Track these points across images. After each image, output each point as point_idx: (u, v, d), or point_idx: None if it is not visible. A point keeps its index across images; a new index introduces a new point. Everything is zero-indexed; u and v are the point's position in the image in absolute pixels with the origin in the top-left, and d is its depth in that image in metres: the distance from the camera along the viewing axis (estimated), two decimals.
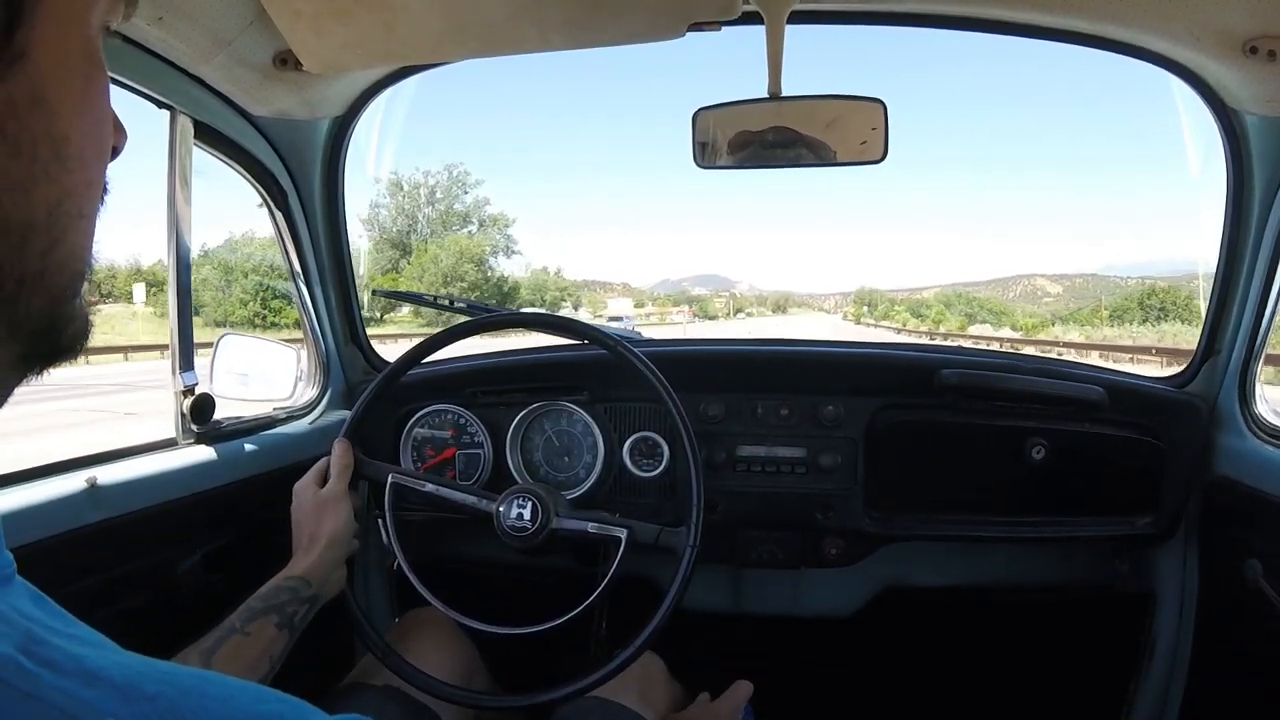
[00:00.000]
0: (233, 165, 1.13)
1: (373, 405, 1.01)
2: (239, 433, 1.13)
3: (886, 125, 1.06)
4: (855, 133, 1.09)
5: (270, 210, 1.21)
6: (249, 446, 1.12)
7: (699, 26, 0.89)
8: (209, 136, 1.05)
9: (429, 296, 1.41)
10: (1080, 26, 0.99)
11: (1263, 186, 1.07)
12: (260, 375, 1.19)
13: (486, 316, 1.13)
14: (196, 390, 1.04)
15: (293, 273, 1.27)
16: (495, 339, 1.59)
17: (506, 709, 0.92)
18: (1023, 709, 1.38)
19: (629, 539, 0.92)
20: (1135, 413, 1.19)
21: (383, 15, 0.84)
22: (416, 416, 1.27)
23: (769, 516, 1.24)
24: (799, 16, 0.96)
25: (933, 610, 1.41)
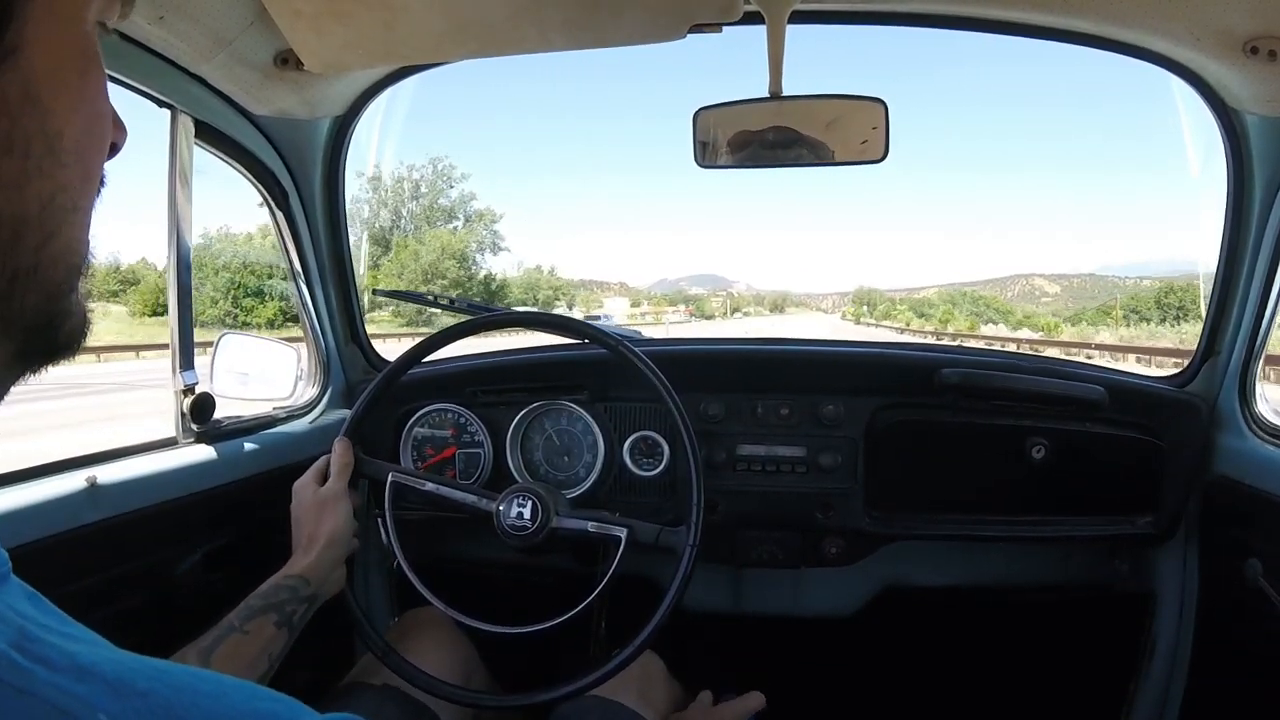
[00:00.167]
0: (233, 165, 1.13)
1: (373, 404, 1.01)
2: (239, 432, 1.13)
3: (887, 125, 1.06)
4: (856, 132, 1.09)
5: (271, 210, 1.22)
6: (249, 446, 1.12)
7: (700, 28, 0.89)
8: (210, 136, 1.05)
9: (429, 296, 1.41)
10: (1081, 26, 0.99)
11: (1263, 186, 1.07)
12: (260, 374, 1.19)
13: (487, 316, 1.13)
14: (196, 389, 1.04)
15: (293, 272, 1.27)
16: (495, 338, 1.59)
17: (506, 708, 0.92)
18: (1023, 709, 1.38)
19: (629, 538, 0.92)
20: (1135, 412, 1.19)
21: (383, 15, 0.84)
22: (417, 416, 1.27)
23: (769, 516, 1.24)
24: (800, 16, 0.96)
25: (933, 610, 1.41)
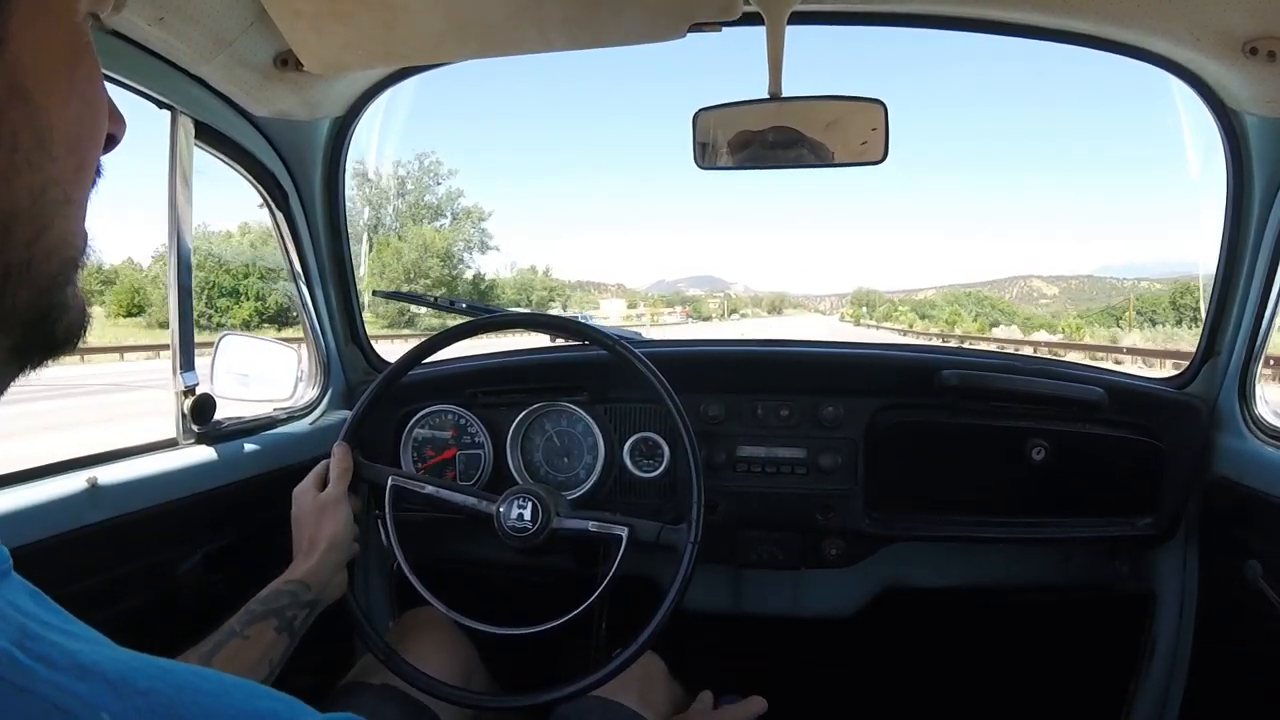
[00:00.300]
0: (233, 165, 1.13)
1: (372, 407, 1.01)
2: (239, 433, 1.12)
3: (887, 126, 1.06)
4: (855, 133, 1.09)
5: (270, 210, 1.22)
6: (249, 447, 1.12)
7: (699, 27, 0.89)
8: (210, 137, 1.05)
9: (429, 297, 1.41)
10: (1081, 27, 0.99)
11: (1263, 187, 1.07)
12: (260, 375, 1.19)
13: (487, 317, 1.13)
14: (197, 390, 1.04)
15: (293, 273, 1.27)
16: (495, 339, 1.59)
17: (506, 709, 0.92)
18: (1023, 709, 1.38)
19: (630, 537, 0.92)
20: (1135, 413, 1.19)
21: (383, 15, 0.84)
22: (417, 417, 1.27)
23: (769, 517, 1.24)
24: (799, 17, 0.96)
25: (933, 611, 1.41)
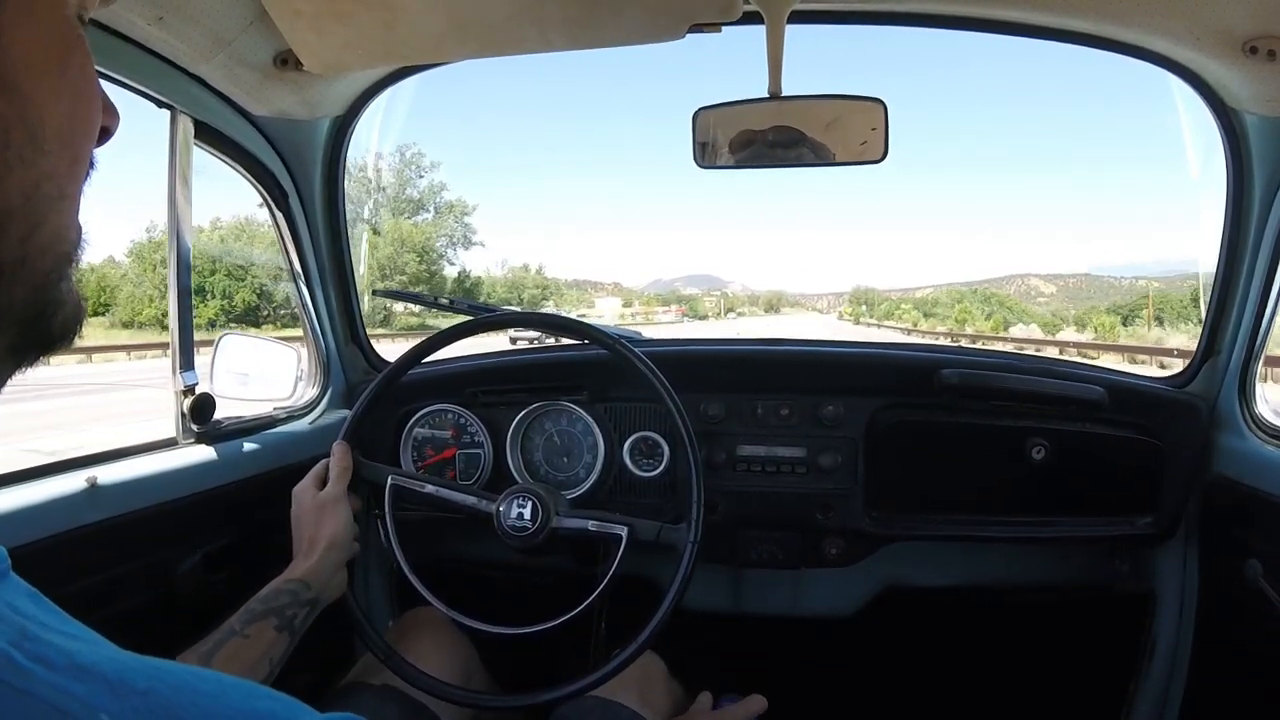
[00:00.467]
0: (233, 165, 1.13)
1: (372, 406, 1.01)
2: (239, 432, 1.12)
3: (887, 125, 1.06)
4: (855, 133, 1.09)
5: (270, 210, 1.22)
6: (249, 446, 1.12)
7: (699, 27, 0.89)
8: (209, 136, 1.05)
9: (429, 296, 1.41)
10: (1081, 26, 0.99)
11: (1263, 186, 1.07)
12: (260, 375, 1.19)
13: (487, 316, 1.13)
14: (197, 390, 1.04)
15: (293, 273, 1.27)
16: (495, 339, 1.59)
17: (506, 709, 0.92)
18: (1023, 709, 1.38)
19: (629, 536, 0.92)
20: (1135, 413, 1.19)
21: (383, 15, 0.84)
22: (417, 416, 1.27)
23: (769, 516, 1.24)
24: (799, 16, 0.96)
25: (933, 610, 1.41)
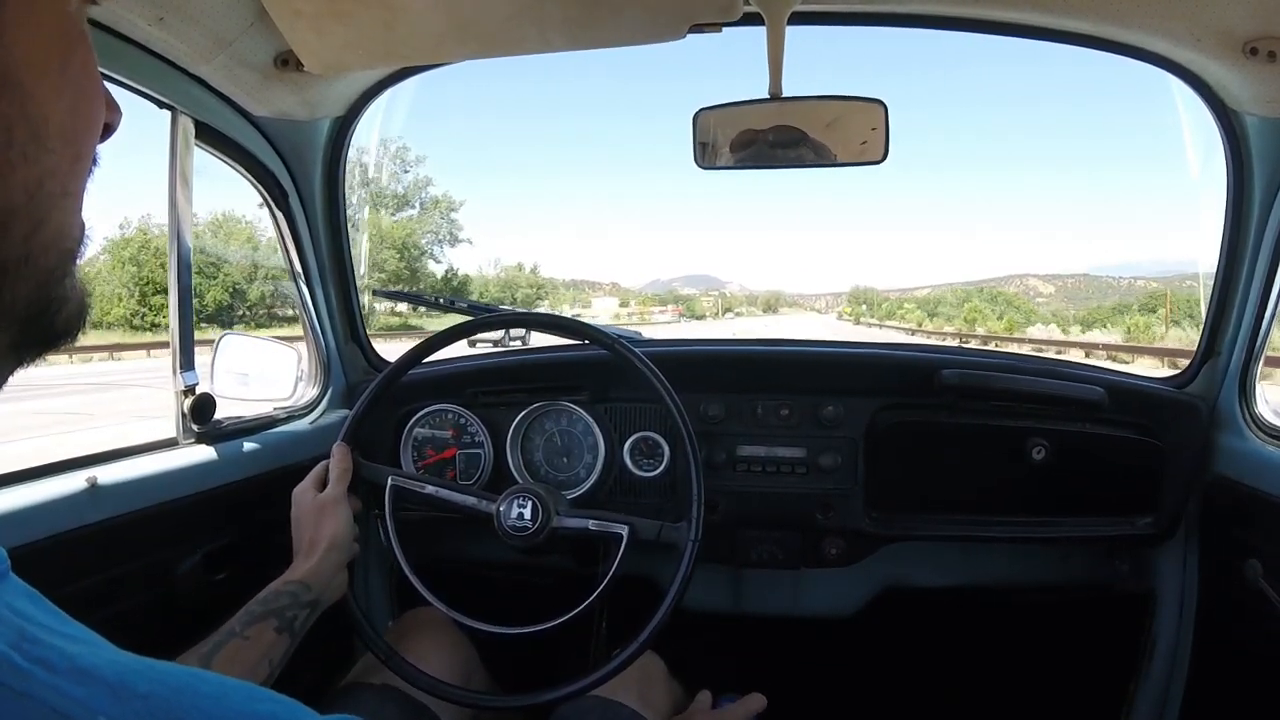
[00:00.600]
0: (233, 165, 1.13)
1: (372, 406, 1.01)
2: (239, 432, 1.13)
3: (887, 126, 1.06)
4: (856, 133, 1.09)
5: (270, 210, 1.22)
6: (250, 446, 1.12)
7: (700, 28, 0.89)
8: (210, 137, 1.05)
9: (429, 296, 1.41)
10: (1081, 27, 0.99)
11: (1263, 187, 1.07)
12: (261, 375, 1.19)
13: (486, 316, 1.13)
14: (197, 390, 1.05)
15: (293, 272, 1.27)
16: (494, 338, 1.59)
17: (506, 709, 0.92)
18: (1023, 709, 1.38)
19: (630, 536, 0.92)
20: (1135, 413, 1.19)
21: (383, 15, 0.84)
22: (417, 416, 1.27)
23: (769, 516, 1.24)
24: (799, 17, 0.96)
25: (933, 610, 1.41)
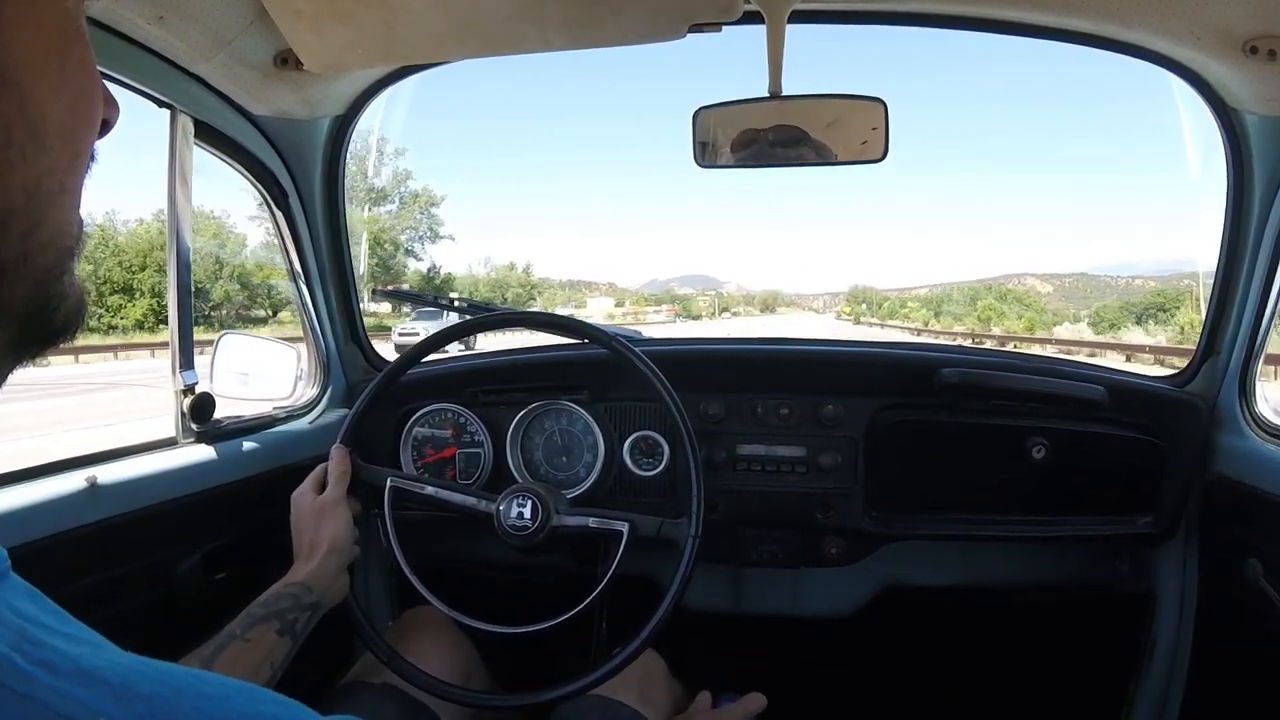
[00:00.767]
0: (233, 164, 1.13)
1: (371, 407, 1.01)
2: (239, 432, 1.13)
3: (887, 125, 1.06)
4: (856, 132, 1.09)
5: (270, 210, 1.22)
6: (249, 445, 1.12)
7: (699, 27, 0.89)
8: (209, 136, 1.05)
9: (429, 296, 1.41)
10: (1081, 26, 0.99)
11: (1263, 186, 1.07)
12: (260, 374, 1.19)
13: (486, 315, 1.13)
14: (196, 389, 1.05)
15: (293, 272, 1.27)
16: (495, 338, 1.59)
17: (507, 708, 0.92)
18: (1023, 709, 1.38)
19: (630, 532, 0.93)
20: (1136, 412, 1.19)
21: (383, 15, 0.84)
22: (417, 416, 1.27)
23: (769, 516, 1.24)
24: (799, 16, 0.96)
25: (933, 610, 1.41)
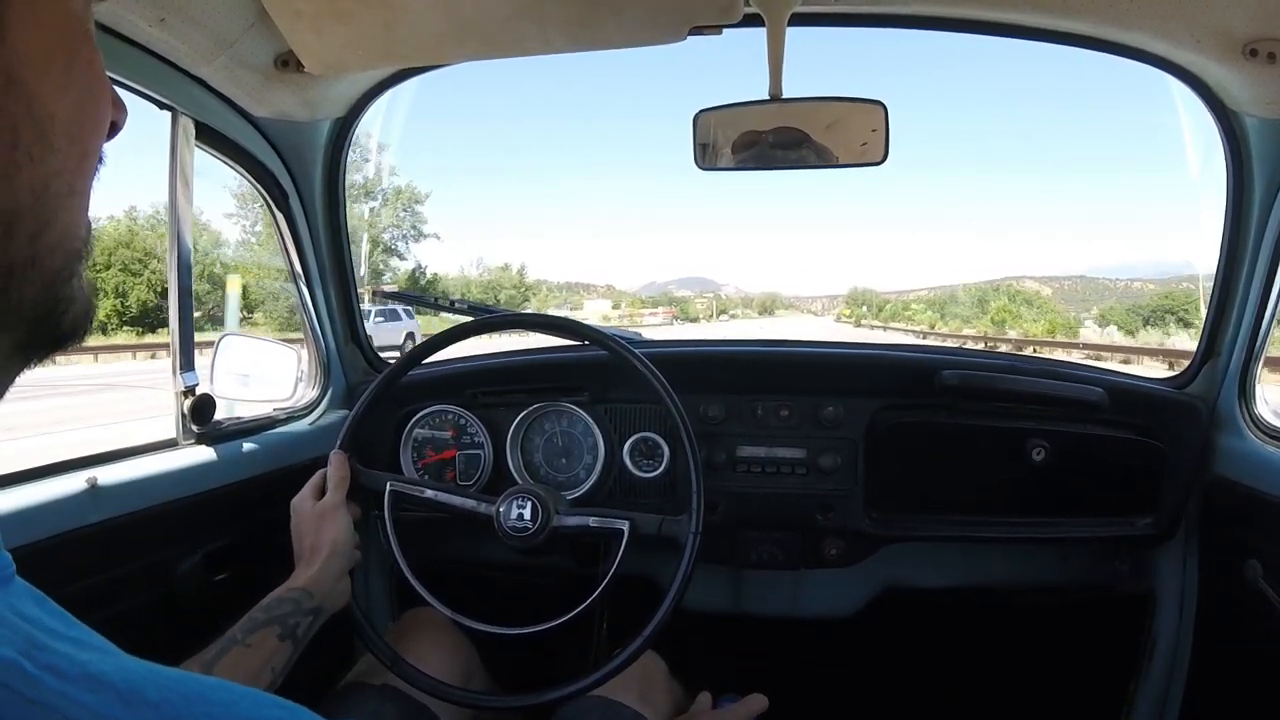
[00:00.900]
0: (234, 166, 1.13)
1: (370, 409, 1.01)
2: (239, 433, 1.13)
3: (887, 127, 1.06)
4: (856, 134, 1.09)
5: (270, 211, 1.22)
6: (249, 446, 1.12)
7: (700, 30, 0.89)
8: (210, 137, 1.05)
9: (430, 297, 1.41)
10: (1080, 29, 0.99)
11: (1263, 188, 1.07)
12: (261, 375, 1.19)
13: (487, 317, 1.13)
14: (197, 390, 1.05)
15: (293, 273, 1.28)
16: (495, 340, 1.59)
17: (507, 709, 0.92)
18: (1023, 709, 1.38)
19: (631, 530, 0.93)
20: (1135, 414, 1.19)
21: (383, 15, 0.84)
22: (417, 417, 1.27)
23: (769, 517, 1.24)
24: (800, 19, 0.96)
25: (933, 611, 1.41)
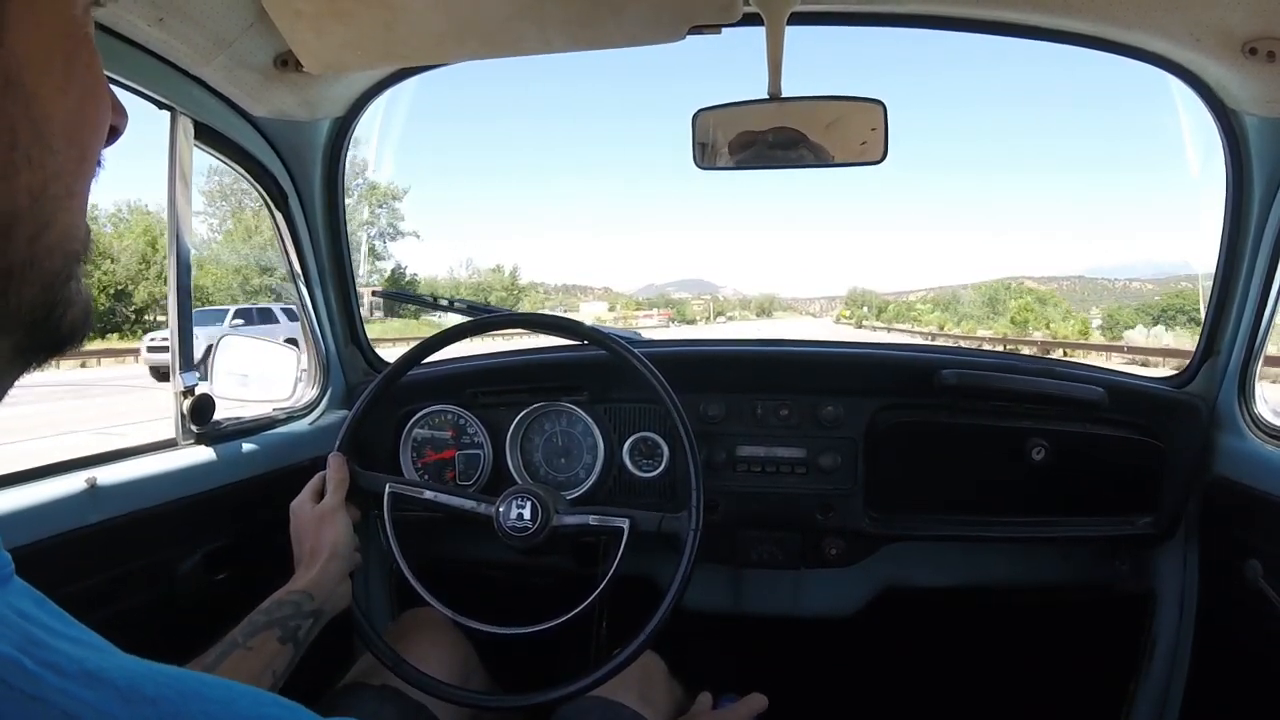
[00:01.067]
0: (233, 166, 1.13)
1: (370, 409, 1.01)
2: (239, 433, 1.13)
3: (886, 126, 1.06)
4: (855, 134, 1.09)
5: (270, 211, 1.22)
6: (249, 447, 1.12)
7: (699, 29, 0.89)
8: (209, 137, 1.05)
9: (429, 297, 1.41)
10: (1080, 28, 0.99)
11: (1262, 187, 1.07)
12: (260, 376, 1.19)
13: (486, 317, 1.13)
14: (196, 391, 1.05)
15: (293, 273, 1.27)
16: (495, 340, 1.59)
17: (506, 709, 0.92)
18: (1023, 709, 1.38)
19: (631, 528, 0.93)
20: (1135, 413, 1.19)
21: (383, 15, 0.84)
22: (416, 417, 1.27)
23: (769, 517, 1.24)
24: (799, 18, 0.96)
25: (933, 610, 1.41)
